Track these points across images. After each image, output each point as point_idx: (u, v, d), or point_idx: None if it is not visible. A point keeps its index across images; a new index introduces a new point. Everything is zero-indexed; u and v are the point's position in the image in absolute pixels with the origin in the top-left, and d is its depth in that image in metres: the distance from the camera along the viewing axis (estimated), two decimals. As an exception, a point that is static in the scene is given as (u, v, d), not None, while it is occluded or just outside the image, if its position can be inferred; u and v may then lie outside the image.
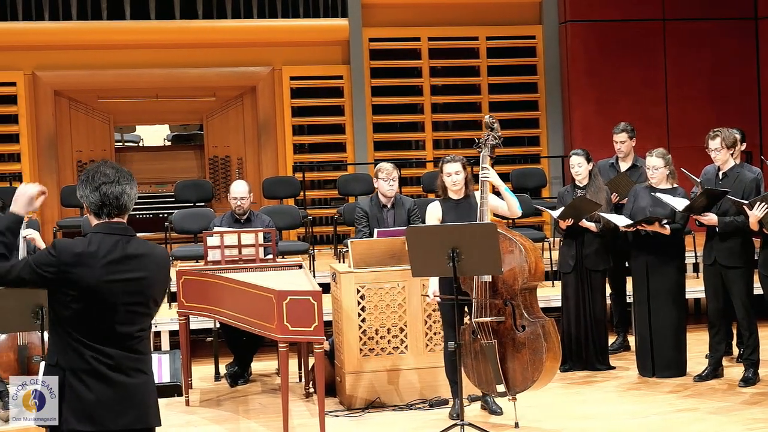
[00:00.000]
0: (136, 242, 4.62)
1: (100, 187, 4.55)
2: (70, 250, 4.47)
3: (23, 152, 14.06)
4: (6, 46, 14.03)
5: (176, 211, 12.52)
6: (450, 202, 8.35)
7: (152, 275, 4.59)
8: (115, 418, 4.51)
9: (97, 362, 4.48)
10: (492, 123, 8.34)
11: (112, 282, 4.46)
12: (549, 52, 15.29)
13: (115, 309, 4.48)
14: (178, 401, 9.05)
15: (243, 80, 14.77)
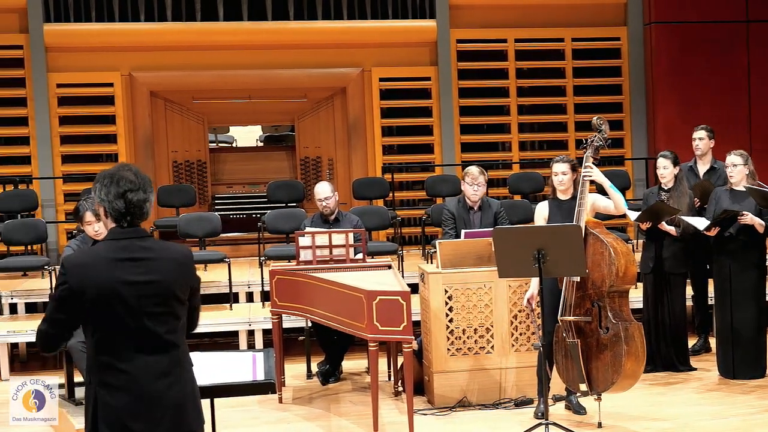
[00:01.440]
0: (149, 243, 4.57)
1: (125, 194, 4.52)
2: (75, 262, 4.51)
3: (120, 152, 14.33)
4: (103, 47, 14.31)
5: (269, 211, 12.73)
6: (557, 202, 8.47)
7: (166, 275, 4.54)
8: (150, 428, 4.50)
9: (126, 374, 4.47)
10: (600, 125, 8.37)
11: (122, 285, 4.44)
12: (633, 53, 15.29)
13: (133, 314, 4.46)
14: (272, 399, 9.16)
15: (333, 81, 14.93)
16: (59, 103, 14.26)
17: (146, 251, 4.53)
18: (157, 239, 4.64)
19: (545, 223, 8.40)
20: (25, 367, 11.34)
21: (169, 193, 13.78)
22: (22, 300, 11.65)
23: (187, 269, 4.68)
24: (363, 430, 8.38)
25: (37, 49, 14.07)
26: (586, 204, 8.12)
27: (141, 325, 4.49)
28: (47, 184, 14.02)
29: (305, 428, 8.55)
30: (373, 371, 8.28)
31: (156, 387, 4.51)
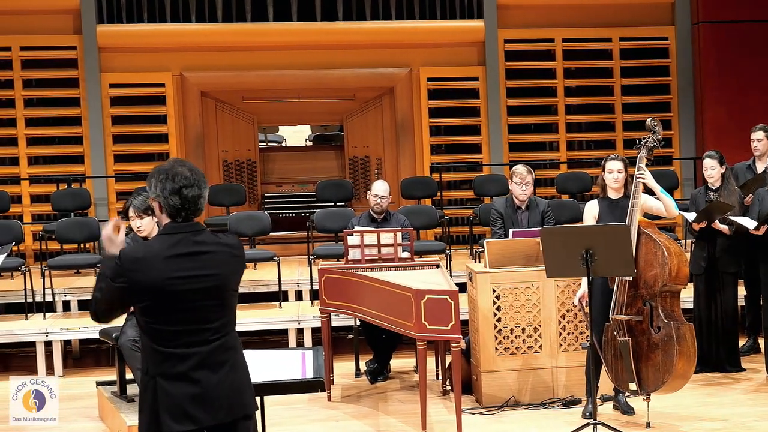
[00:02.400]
0: (203, 237, 4.59)
1: (180, 190, 4.55)
2: (131, 257, 4.52)
3: (172, 152, 14.41)
4: (155, 47, 14.41)
5: (318, 210, 12.76)
6: (608, 201, 8.40)
7: (221, 268, 4.58)
8: (210, 414, 4.54)
9: (184, 363, 4.51)
10: (654, 126, 8.31)
11: (177, 280, 4.48)
12: (681, 53, 15.17)
13: (188, 306, 4.51)
14: (321, 397, 9.18)
15: (382, 81, 14.93)
16: (112, 103, 14.37)
17: (201, 245, 4.56)
18: (209, 232, 4.64)
19: (595, 222, 8.34)
20: (79, 364, 11.43)
21: (220, 193, 13.82)
22: (75, 297, 11.72)
23: (240, 260, 4.74)
24: (411, 428, 8.35)
25: (91, 49, 14.17)
26: (639, 204, 8.06)
27: (196, 318, 4.54)
28: (100, 183, 14.12)
29: (353, 426, 8.54)
30: (421, 370, 8.26)
31: (214, 375, 4.55)
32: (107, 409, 8.74)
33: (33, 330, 10.84)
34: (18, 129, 14.23)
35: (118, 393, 8.76)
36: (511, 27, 14.95)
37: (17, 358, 11.75)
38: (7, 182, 14.07)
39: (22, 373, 10.98)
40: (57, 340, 10.81)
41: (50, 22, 14.24)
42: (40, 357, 10.77)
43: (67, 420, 9.02)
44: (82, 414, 9.21)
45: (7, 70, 14.27)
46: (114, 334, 8.70)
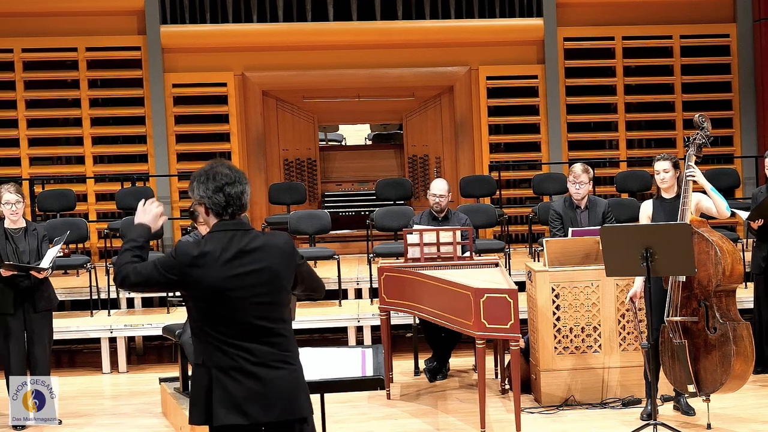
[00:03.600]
0: (253, 235, 4.63)
1: (223, 188, 4.59)
2: (188, 254, 4.56)
3: (233, 150, 14.47)
4: (217, 47, 14.48)
5: (377, 209, 12.76)
6: (661, 201, 8.31)
7: (274, 265, 4.60)
8: (263, 411, 4.55)
9: (240, 358, 4.53)
10: (702, 122, 8.20)
11: (232, 278, 4.52)
12: (743, 50, 14.98)
13: (242, 304, 4.53)
14: (380, 394, 9.18)
15: (441, 80, 14.89)
16: (175, 103, 14.45)
17: (252, 242, 4.60)
18: (258, 231, 4.67)
19: (649, 221, 8.25)
20: (142, 361, 11.52)
21: (280, 191, 13.86)
22: (139, 295, 11.81)
23: (291, 257, 4.71)
24: (470, 427, 8.32)
25: (154, 50, 14.27)
26: (689, 203, 7.97)
27: (250, 314, 4.56)
28: (163, 181, 14.22)
29: (413, 424, 8.52)
30: (480, 369, 8.23)
31: (270, 373, 4.56)
32: (170, 406, 8.78)
33: (98, 326, 10.94)
34: (83, 128, 14.36)
35: (181, 389, 8.80)
36: (571, 25, 14.85)
37: (82, 354, 11.87)
38: (73, 181, 14.21)
39: (88, 369, 11.11)
40: (121, 336, 10.90)
41: (115, 23, 14.35)
42: (105, 353, 10.87)
43: (130, 416, 9.12)
44: (146, 410, 9.28)
45: (73, 71, 14.40)
46: (177, 331, 8.75)
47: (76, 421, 8.93)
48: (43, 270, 8.49)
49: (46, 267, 8.50)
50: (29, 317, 8.61)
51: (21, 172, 14.12)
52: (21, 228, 8.68)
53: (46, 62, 14.33)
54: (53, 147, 14.57)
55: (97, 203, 14.33)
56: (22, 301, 8.58)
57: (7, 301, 8.54)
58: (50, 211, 13.22)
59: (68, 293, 11.65)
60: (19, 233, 8.65)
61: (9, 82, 14.27)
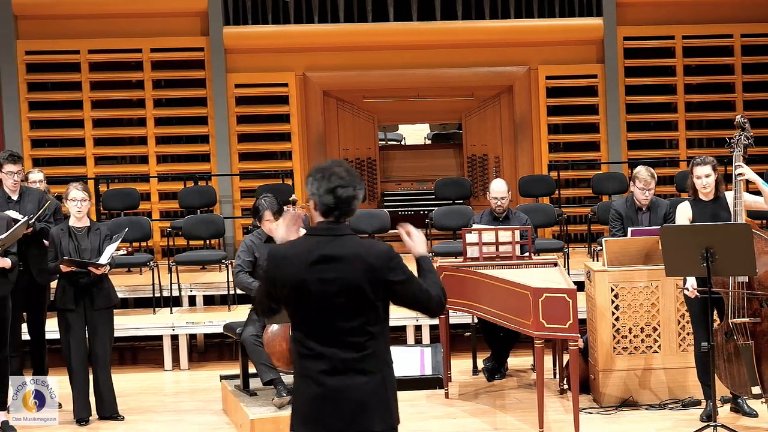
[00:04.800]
0: (343, 242, 4.48)
1: (335, 189, 4.47)
2: (278, 254, 4.56)
3: (294, 150, 14.47)
4: (279, 48, 14.48)
5: (436, 208, 12.69)
6: (700, 204, 8.17)
7: (353, 277, 4.42)
8: (333, 421, 4.45)
9: (315, 364, 4.46)
10: (743, 123, 8.09)
11: (311, 282, 4.42)
12: (806, 48, 14.75)
13: (320, 310, 4.44)
14: (438, 394, 9.16)
15: (500, 80, 14.79)
16: (237, 103, 14.48)
17: (340, 248, 4.47)
18: (354, 236, 4.54)
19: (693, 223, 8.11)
20: (203, 358, 11.55)
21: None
22: (201, 293, 11.86)
23: (378, 268, 4.47)
24: (528, 427, 8.26)
25: (217, 51, 14.30)
26: (742, 203, 7.83)
27: (331, 320, 4.46)
28: (225, 180, 14.24)
29: (471, 424, 8.47)
30: (538, 368, 8.16)
31: (341, 382, 4.45)
32: (230, 403, 8.79)
33: (160, 324, 10.99)
34: (148, 128, 14.43)
35: (241, 387, 8.82)
36: (630, 24, 14.68)
37: (144, 351, 11.92)
38: (137, 180, 14.28)
39: (150, 366, 11.15)
40: (183, 334, 10.93)
41: (179, 25, 14.41)
42: (167, 350, 10.92)
43: (191, 413, 9.15)
44: (206, 407, 9.30)
45: (137, 72, 14.48)
46: (237, 329, 8.74)
47: (138, 417, 8.97)
48: (101, 266, 8.51)
49: (104, 263, 8.51)
50: (89, 314, 8.63)
51: (86, 171, 14.21)
52: (85, 227, 8.70)
53: (111, 63, 14.41)
54: (118, 147, 14.66)
55: (160, 202, 14.39)
56: (82, 298, 8.61)
57: (68, 297, 8.59)
58: (114, 210, 13.29)
59: (131, 291, 11.71)
60: (82, 232, 8.68)
61: (75, 83, 14.37)
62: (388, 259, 4.49)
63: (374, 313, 4.50)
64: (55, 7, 14.15)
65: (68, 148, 14.47)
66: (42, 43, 14.24)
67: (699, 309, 7.93)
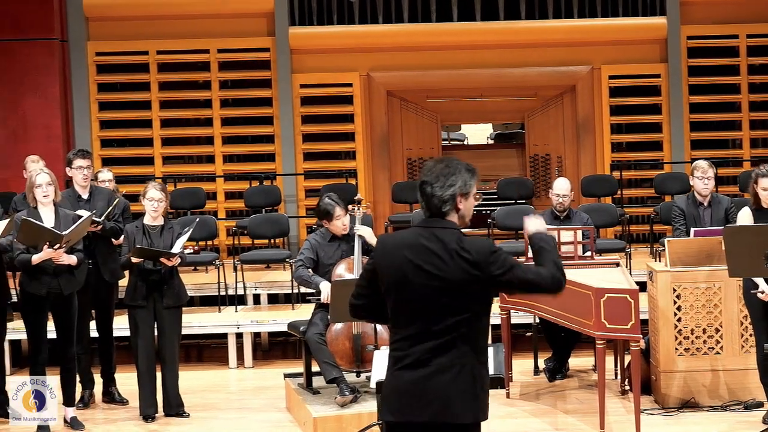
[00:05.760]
0: (447, 236, 4.47)
1: (421, 185, 4.56)
2: (382, 241, 4.63)
3: (358, 150, 14.46)
4: (344, 48, 14.48)
5: (498, 207, 12.64)
6: (763, 212, 8.02)
7: (450, 271, 4.42)
8: (417, 410, 4.45)
9: (405, 352, 4.47)
10: None
11: (412, 272, 4.44)
12: None
13: (420, 299, 4.44)
14: (500, 393, 9.08)
15: (563, 79, 14.68)
16: (302, 103, 14.51)
17: (442, 244, 4.46)
18: (456, 231, 4.51)
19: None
20: (267, 356, 11.58)
21: (403, 190, 13.83)
22: (265, 291, 11.90)
23: (480, 263, 4.45)
24: (589, 427, 8.19)
25: (283, 51, 14.34)
26: None
27: (426, 312, 4.45)
28: (290, 180, 14.28)
29: (532, 424, 8.43)
30: (600, 369, 8.11)
31: (428, 372, 4.44)
32: (294, 401, 8.81)
33: (225, 322, 11.04)
34: (214, 128, 14.51)
35: (305, 385, 8.83)
36: (694, 23, 14.51)
37: (210, 349, 11.99)
38: (203, 179, 14.35)
39: (215, 363, 11.21)
40: (247, 332, 10.97)
41: (245, 26, 14.46)
42: (232, 348, 10.96)
43: (255, 410, 9.18)
44: (270, 405, 9.33)
45: (204, 72, 14.56)
46: (301, 327, 8.75)
47: (204, 414, 9.03)
48: (173, 255, 8.54)
49: (176, 252, 8.55)
50: (159, 311, 8.69)
51: (154, 171, 14.32)
52: (159, 225, 8.76)
53: (179, 64, 14.51)
54: (185, 146, 14.76)
55: (226, 201, 14.45)
56: (152, 295, 8.67)
57: (139, 294, 8.66)
58: (181, 209, 13.37)
59: (197, 289, 11.77)
60: (156, 229, 8.74)
61: (144, 84, 14.49)
62: (489, 254, 4.49)
63: (472, 308, 4.48)
64: (125, 9, 14.28)
65: (137, 147, 14.59)
66: (112, 45, 14.37)
67: (761, 311, 7.81)
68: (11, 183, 12.90)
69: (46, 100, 13.96)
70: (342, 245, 8.70)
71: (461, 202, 4.54)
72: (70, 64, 14.28)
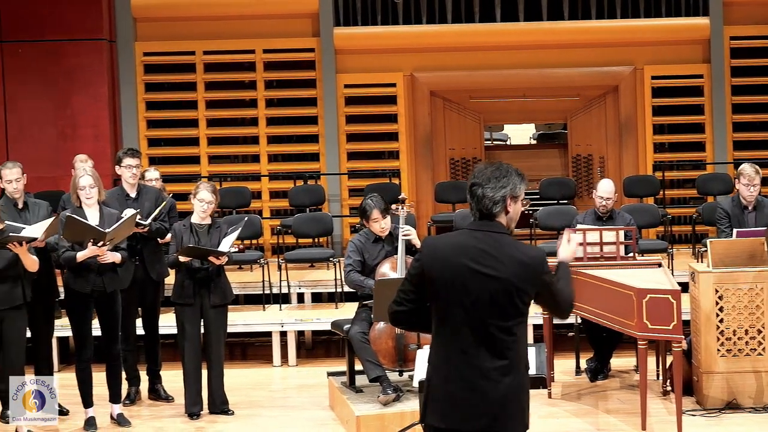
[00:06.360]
0: (500, 239, 4.47)
1: (470, 188, 4.55)
2: (429, 243, 4.58)
3: (401, 150, 14.45)
4: (387, 49, 14.48)
5: (541, 207, 12.60)
6: None
7: (507, 274, 4.38)
8: (467, 419, 4.41)
9: (454, 360, 4.42)
10: None
11: (466, 273, 4.40)
12: None
13: (472, 302, 4.39)
14: (542, 393, 9.08)
15: (606, 80, 14.60)
16: (346, 103, 14.53)
17: (496, 245, 4.45)
18: (508, 236, 4.52)
19: None
20: (310, 355, 11.60)
21: (446, 189, 13.82)
22: (309, 290, 11.93)
23: (531, 272, 4.46)
24: (630, 428, 8.16)
25: (328, 51, 14.37)
26: None
27: (477, 316, 4.40)
28: (334, 179, 14.31)
29: (574, 424, 8.40)
30: (642, 369, 8.09)
31: (482, 382, 4.40)
32: (337, 399, 8.83)
33: (269, 320, 11.08)
34: (259, 128, 14.56)
35: (348, 383, 8.84)
36: (737, 24, 14.38)
37: (254, 347, 12.00)
38: (249, 179, 14.39)
39: (259, 361, 11.24)
40: (291, 330, 11.00)
41: (291, 26, 14.49)
42: (276, 347, 11.00)
43: (299, 408, 9.21)
44: (314, 402, 9.35)
45: (250, 72, 14.61)
46: (345, 326, 8.77)
47: (248, 412, 9.06)
48: (222, 254, 8.58)
49: (225, 251, 8.59)
50: (206, 309, 8.73)
51: (200, 170, 14.39)
52: (206, 224, 8.80)
53: (225, 64, 14.57)
54: (231, 146, 14.82)
55: (271, 200, 14.49)
56: (199, 293, 8.71)
57: (187, 292, 8.69)
58: (226, 208, 13.41)
59: (242, 288, 11.81)
60: (203, 229, 8.78)
61: (191, 84, 14.56)
62: (542, 261, 4.51)
63: (521, 313, 4.47)
64: (173, 10, 14.36)
65: (183, 147, 14.66)
66: (159, 45, 14.46)
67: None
68: (60, 182, 12.99)
69: (94, 100, 14.06)
70: (385, 245, 8.70)
71: (510, 204, 4.53)
72: (118, 64, 14.38)
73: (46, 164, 13.67)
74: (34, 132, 13.99)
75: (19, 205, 8.74)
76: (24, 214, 8.70)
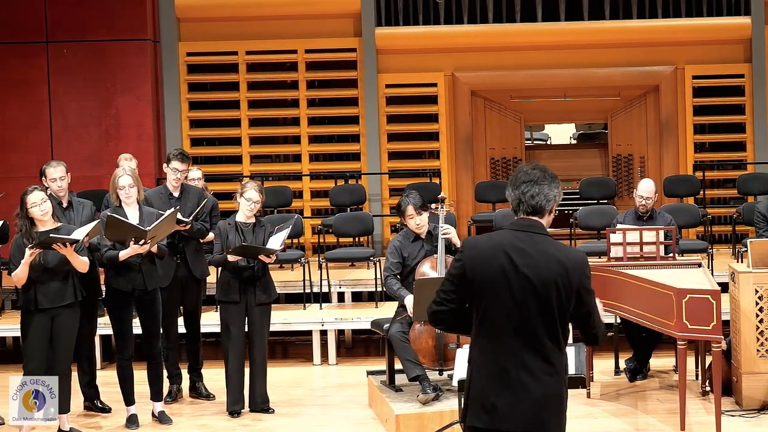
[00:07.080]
0: (541, 239, 4.47)
1: (520, 185, 4.54)
2: (471, 244, 4.55)
3: (442, 149, 14.44)
4: (428, 49, 14.47)
5: (581, 207, 12.56)
6: None
7: (548, 275, 4.38)
8: (507, 419, 4.39)
9: (495, 360, 4.41)
10: None
11: (509, 272, 4.39)
12: None
13: (514, 302, 4.38)
14: (580, 393, 9.06)
15: (647, 80, 14.53)
16: (387, 103, 14.53)
17: (537, 246, 4.45)
18: (549, 237, 4.53)
19: None
20: (350, 354, 11.62)
21: (486, 189, 13.80)
22: (349, 289, 11.94)
23: (575, 273, 4.45)
24: (669, 428, 8.12)
25: (369, 51, 14.38)
26: None
27: (519, 317, 4.40)
28: (374, 179, 14.32)
29: (612, 424, 8.37)
30: (681, 370, 8.05)
31: (525, 381, 4.39)
32: (376, 398, 8.84)
33: (310, 319, 11.10)
34: (301, 128, 14.60)
35: (387, 382, 8.84)
36: (779, 23, 14.30)
37: (294, 345, 12.03)
38: (290, 178, 14.43)
39: (299, 360, 11.27)
40: (331, 329, 11.02)
41: (332, 26, 14.52)
42: (316, 345, 11.01)
43: (339, 407, 9.22)
44: (353, 401, 9.37)
45: (292, 72, 14.65)
46: (385, 325, 8.78)
47: (289, 410, 9.08)
48: (273, 252, 8.61)
49: (276, 249, 8.61)
50: (251, 307, 8.75)
51: (242, 169, 14.45)
52: (251, 223, 8.83)
53: (267, 64, 14.62)
54: (272, 145, 14.87)
55: (312, 200, 14.53)
56: (245, 291, 8.73)
57: (233, 290, 8.71)
58: (268, 208, 13.44)
59: (283, 287, 11.81)
60: (248, 227, 8.80)
61: (233, 83, 14.62)
62: (584, 266, 4.50)
63: (563, 316, 4.45)
64: (216, 10, 14.42)
65: (225, 146, 14.74)
66: (202, 45, 14.53)
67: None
68: (104, 181, 13.03)
69: (138, 100, 14.15)
70: (425, 245, 8.67)
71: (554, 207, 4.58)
72: (161, 64, 14.47)
73: (90, 163, 13.78)
74: (79, 131, 14.10)
75: (63, 204, 8.82)
76: (68, 213, 8.78)
